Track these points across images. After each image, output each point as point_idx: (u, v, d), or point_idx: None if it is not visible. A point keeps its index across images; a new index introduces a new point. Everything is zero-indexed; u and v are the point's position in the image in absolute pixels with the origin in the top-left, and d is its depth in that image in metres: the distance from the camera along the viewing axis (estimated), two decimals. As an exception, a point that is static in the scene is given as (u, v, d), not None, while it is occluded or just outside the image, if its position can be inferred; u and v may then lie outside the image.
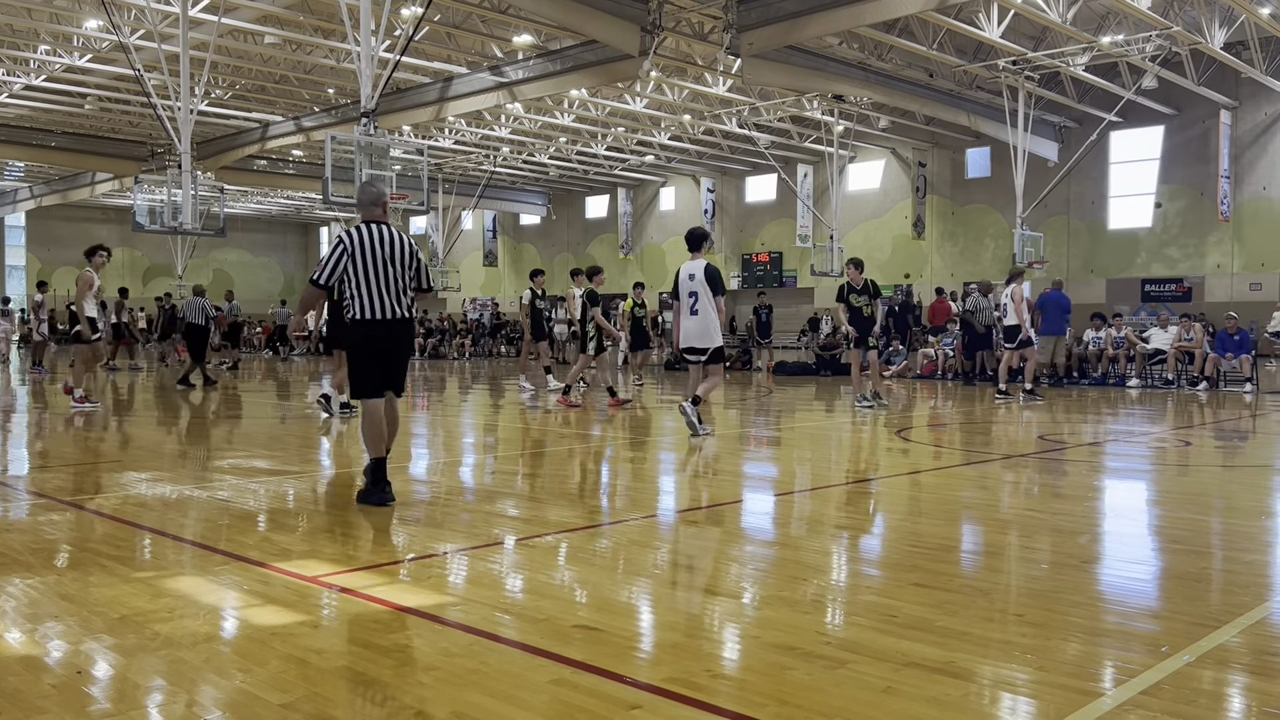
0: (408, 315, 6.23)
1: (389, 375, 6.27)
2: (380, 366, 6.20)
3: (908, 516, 6.21)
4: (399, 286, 6.14)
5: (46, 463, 8.32)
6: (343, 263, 6.04)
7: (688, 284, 9.86)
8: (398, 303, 6.13)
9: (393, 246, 6.13)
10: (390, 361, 6.24)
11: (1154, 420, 12.48)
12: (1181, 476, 8.07)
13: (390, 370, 6.26)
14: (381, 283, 6.07)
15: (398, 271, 6.13)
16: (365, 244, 6.07)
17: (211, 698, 3.02)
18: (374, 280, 6.06)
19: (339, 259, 6.04)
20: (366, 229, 6.14)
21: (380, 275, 6.07)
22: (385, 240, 6.12)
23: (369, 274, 6.05)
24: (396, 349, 6.23)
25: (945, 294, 25.71)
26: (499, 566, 4.75)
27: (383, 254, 6.08)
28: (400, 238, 6.21)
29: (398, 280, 6.13)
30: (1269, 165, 27.44)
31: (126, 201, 39.73)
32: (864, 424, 11.54)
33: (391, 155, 16.24)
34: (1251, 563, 4.89)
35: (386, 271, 6.08)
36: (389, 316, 6.10)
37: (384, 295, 6.08)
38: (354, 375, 6.28)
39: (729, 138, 33.05)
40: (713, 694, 3.04)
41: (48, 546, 5.05)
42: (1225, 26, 21.25)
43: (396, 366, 6.30)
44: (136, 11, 21.51)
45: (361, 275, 6.05)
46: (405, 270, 6.18)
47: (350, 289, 6.12)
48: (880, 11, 18.90)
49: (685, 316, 9.91)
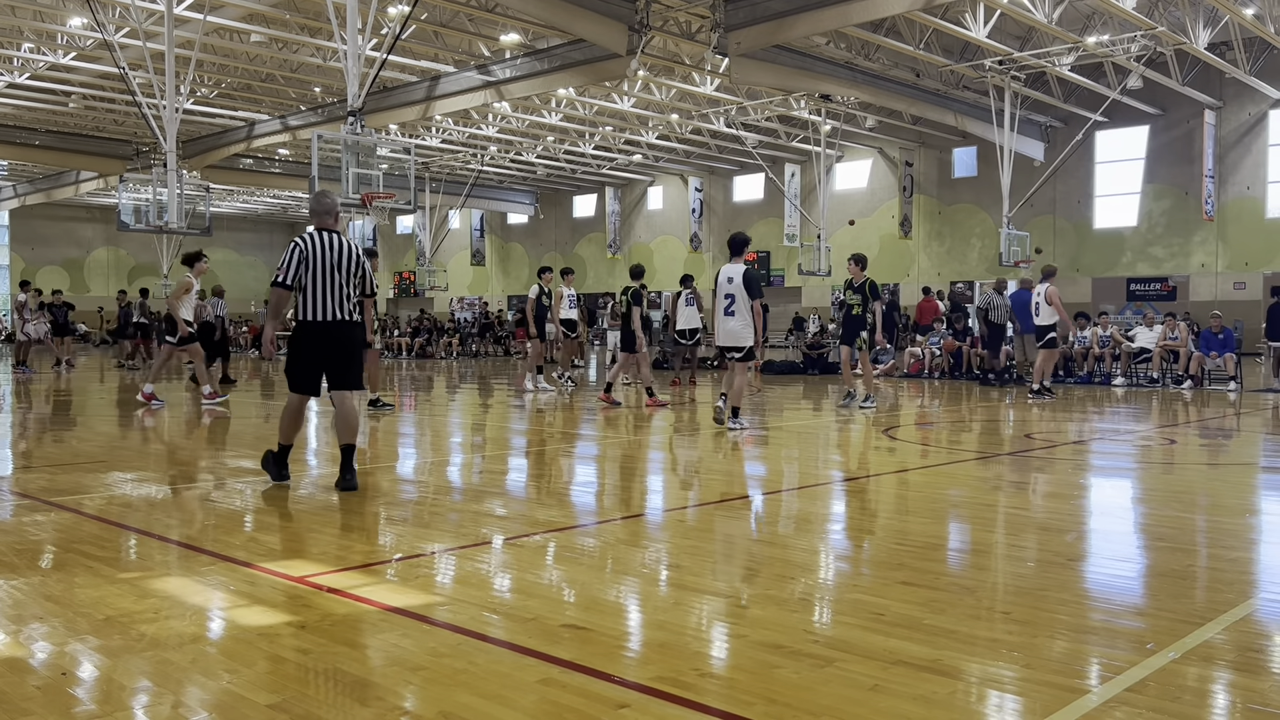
0: (350, 318, 6.56)
1: (330, 374, 6.59)
2: (314, 366, 6.56)
3: (895, 515, 6.23)
4: (343, 292, 6.50)
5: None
6: (300, 266, 6.41)
7: (725, 286, 10.23)
8: (340, 307, 6.49)
9: (340, 254, 6.49)
10: (330, 361, 6.56)
11: (1139, 419, 12.55)
12: (1166, 474, 8.11)
13: (332, 369, 6.58)
14: (326, 288, 6.44)
15: (343, 278, 6.49)
16: (315, 250, 6.43)
17: (198, 699, 3.01)
18: (319, 285, 6.43)
19: (297, 261, 6.41)
20: (318, 236, 6.50)
21: (325, 280, 6.43)
22: (334, 248, 6.48)
23: (315, 278, 6.42)
24: (337, 349, 6.55)
25: (932, 293, 25.80)
26: (487, 566, 4.74)
27: (330, 260, 6.45)
28: (348, 246, 6.56)
29: (342, 287, 6.49)
30: (1253, 165, 27.63)
31: (111, 200, 39.53)
32: (852, 423, 11.57)
33: (378, 154, 16.20)
34: (1236, 560, 4.93)
35: (332, 277, 6.45)
36: (329, 319, 6.47)
37: (327, 299, 6.44)
38: (288, 370, 6.64)
39: (716, 137, 33.09)
40: (701, 693, 3.04)
41: (32, 547, 5.02)
42: (1209, 27, 21.38)
43: (340, 365, 6.59)
44: (121, 9, 21.39)
45: (309, 279, 6.42)
46: (351, 277, 6.54)
47: (297, 291, 6.49)
48: (867, 11, 18.95)
49: (721, 317, 10.30)
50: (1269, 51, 24.35)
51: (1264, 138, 27.40)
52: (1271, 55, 24.63)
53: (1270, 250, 27.41)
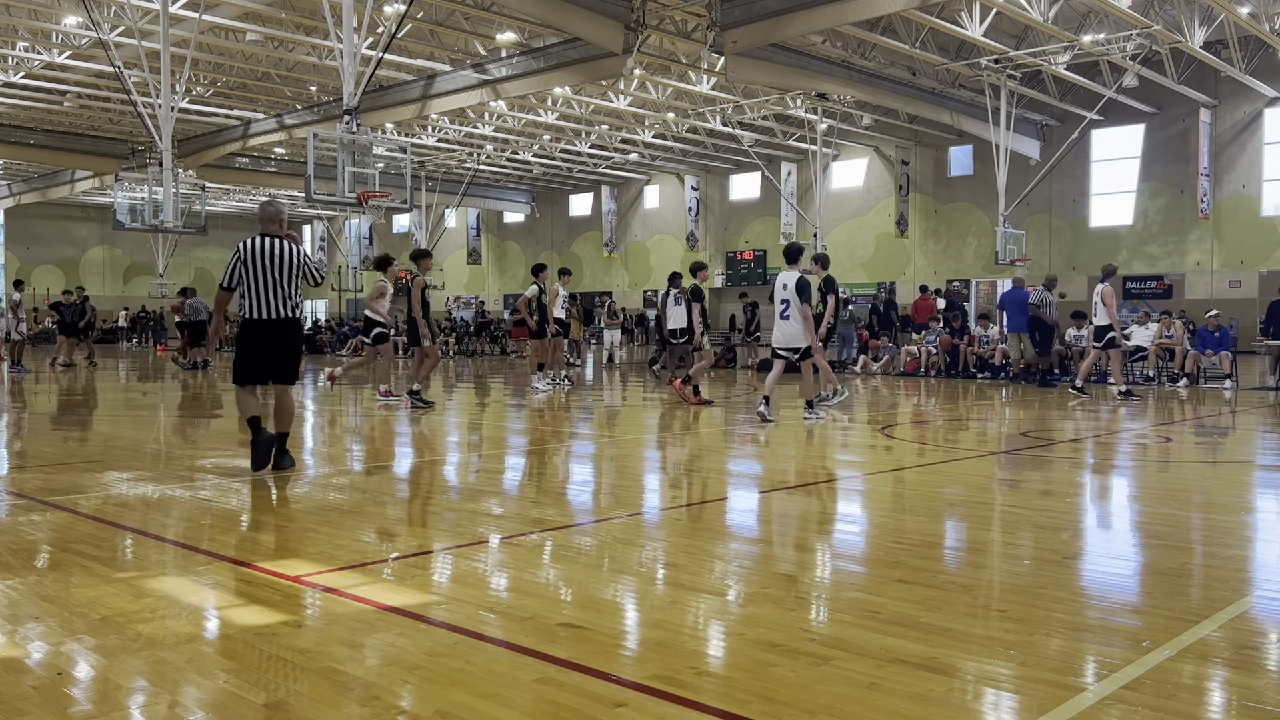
0: (290, 316, 7.16)
1: (269, 367, 7.18)
2: (256, 359, 7.16)
3: (891, 513, 6.23)
4: (283, 293, 7.08)
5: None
6: (238, 269, 7.03)
7: (780, 292, 11.14)
8: (282, 305, 7.08)
9: (280, 258, 7.06)
10: (271, 355, 7.13)
11: (1135, 417, 12.56)
12: (1162, 472, 8.12)
13: (271, 363, 7.15)
14: (266, 289, 7.02)
15: (283, 280, 7.06)
16: (255, 254, 7.03)
17: (194, 698, 3.00)
18: (259, 286, 7.02)
19: (235, 265, 7.06)
20: (259, 241, 7.08)
21: (265, 282, 7.02)
22: (273, 252, 7.06)
23: (256, 281, 7.02)
24: (277, 344, 7.13)
25: (929, 291, 25.83)
26: (484, 565, 4.74)
27: (270, 264, 7.03)
28: (287, 250, 7.11)
29: (282, 288, 7.07)
30: (1248, 163, 27.68)
31: (107, 199, 39.44)
32: (847, 422, 11.58)
33: (374, 153, 16.18)
34: (1231, 558, 4.94)
35: (270, 279, 7.03)
36: (270, 317, 7.06)
37: (268, 299, 7.04)
38: (234, 362, 7.25)
39: (713, 136, 33.08)
40: (698, 691, 3.04)
41: (26, 547, 5.01)
42: (1205, 25, 21.41)
43: (279, 359, 7.17)
44: (116, 8, 21.35)
45: (250, 281, 7.02)
46: (291, 279, 7.11)
47: (239, 292, 7.12)
48: (863, 10, 18.96)
49: (778, 321, 11.24)
50: (1264, 50, 24.39)
51: (1259, 136, 27.45)
52: (1266, 54, 24.67)
53: (1265, 248, 27.46)
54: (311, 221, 53.42)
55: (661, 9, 20.86)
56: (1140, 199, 29.43)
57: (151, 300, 46.34)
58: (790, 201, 34.93)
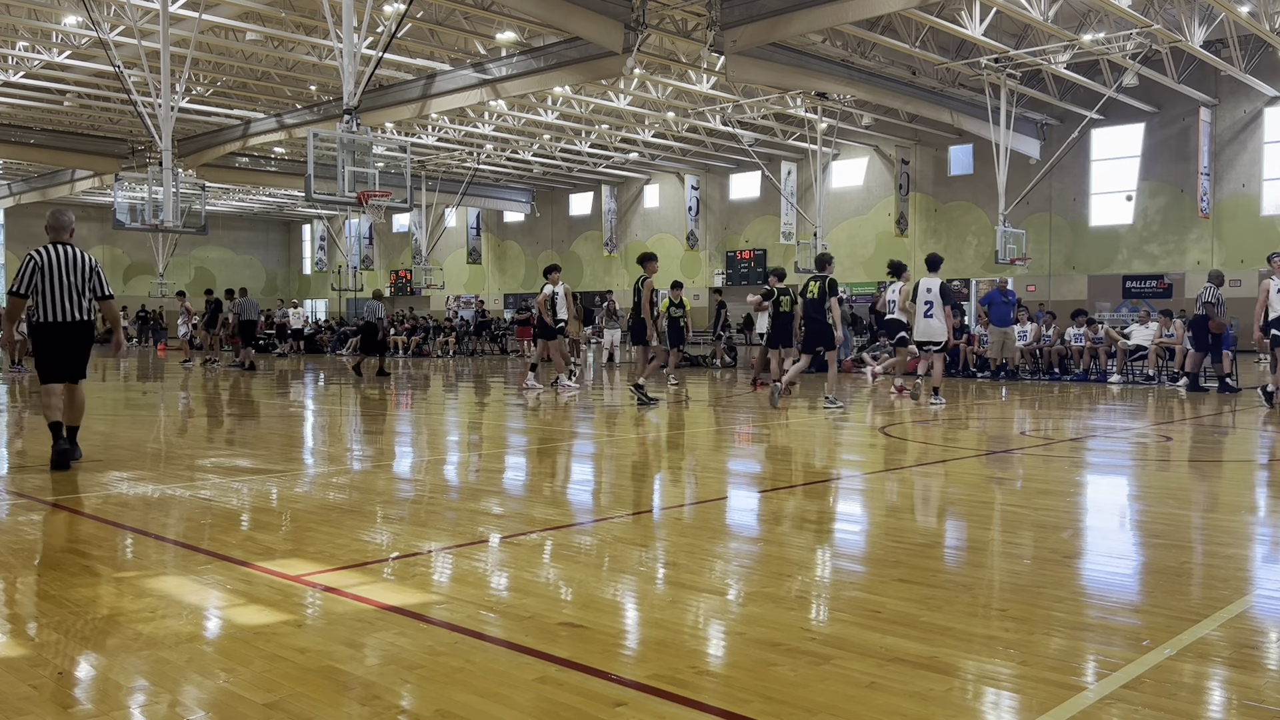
0: (83, 318, 7.66)
1: (64, 366, 7.66)
2: (54, 359, 7.63)
3: (891, 512, 6.23)
4: (76, 296, 7.58)
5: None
6: (34, 276, 7.47)
7: (925, 295, 13.70)
8: (76, 308, 7.59)
9: (71, 264, 7.58)
10: (65, 354, 7.64)
11: (1135, 416, 12.56)
12: (1162, 471, 8.12)
13: (65, 361, 7.65)
14: (60, 293, 7.51)
15: (76, 284, 7.57)
16: (49, 262, 7.51)
17: (195, 698, 3.00)
18: (53, 291, 7.50)
19: (31, 272, 7.49)
20: (52, 249, 7.58)
21: (59, 287, 7.51)
22: (65, 260, 7.58)
23: (50, 286, 7.49)
24: (71, 344, 7.64)
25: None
26: (484, 564, 4.74)
27: (63, 270, 7.53)
28: (79, 257, 7.65)
29: (75, 291, 7.57)
30: (1248, 163, 27.67)
31: (107, 199, 39.38)
32: (846, 420, 11.58)
33: (374, 152, 16.17)
34: (1231, 557, 4.94)
35: (63, 284, 7.52)
36: (64, 320, 7.55)
37: (62, 303, 7.52)
38: (36, 364, 7.77)
39: (713, 135, 33.07)
40: (698, 691, 3.04)
41: (26, 547, 5.01)
42: (1205, 24, 21.41)
43: (72, 358, 7.68)
44: (116, 7, 21.34)
45: (45, 286, 7.49)
46: (85, 283, 7.61)
47: (35, 297, 7.56)
48: (863, 9, 18.94)
49: (921, 319, 13.73)
50: (1264, 49, 24.37)
51: (1259, 135, 27.42)
52: (1267, 53, 24.65)
53: (1265, 247, 27.36)
54: (311, 221, 53.42)
55: (661, 8, 20.85)
56: (1140, 198, 29.41)
57: (151, 300, 46.33)
58: (790, 201, 34.92)
